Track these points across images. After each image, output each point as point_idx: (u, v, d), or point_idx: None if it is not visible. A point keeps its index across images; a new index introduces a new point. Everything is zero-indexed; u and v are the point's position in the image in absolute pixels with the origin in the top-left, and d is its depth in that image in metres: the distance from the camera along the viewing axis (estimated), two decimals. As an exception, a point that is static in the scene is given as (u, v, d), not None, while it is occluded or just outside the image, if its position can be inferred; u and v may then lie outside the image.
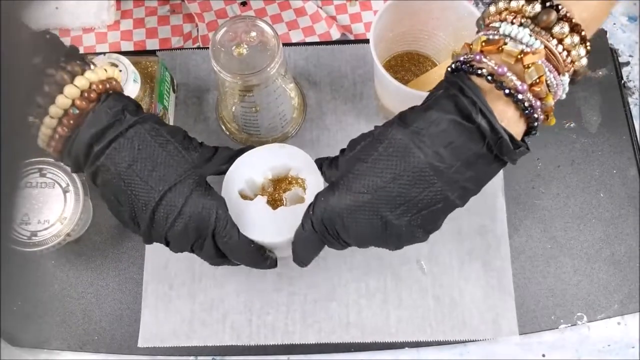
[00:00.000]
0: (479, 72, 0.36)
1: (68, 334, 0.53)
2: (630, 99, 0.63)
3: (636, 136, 0.60)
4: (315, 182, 0.46)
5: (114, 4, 0.65)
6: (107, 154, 0.40)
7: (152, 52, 0.63)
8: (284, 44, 0.48)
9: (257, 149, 0.48)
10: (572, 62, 0.37)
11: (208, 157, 0.45)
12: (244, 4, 0.65)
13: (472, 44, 0.38)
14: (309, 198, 0.45)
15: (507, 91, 0.36)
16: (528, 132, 0.39)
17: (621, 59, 0.64)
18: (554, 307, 0.55)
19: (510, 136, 0.36)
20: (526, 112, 0.36)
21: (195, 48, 0.63)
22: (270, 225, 0.46)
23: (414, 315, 0.54)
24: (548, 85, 0.37)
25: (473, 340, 0.53)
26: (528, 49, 0.36)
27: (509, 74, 0.35)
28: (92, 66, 0.41)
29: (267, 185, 0.48)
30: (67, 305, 0.54)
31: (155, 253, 0.55)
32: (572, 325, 0.54)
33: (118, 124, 0.40)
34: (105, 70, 0.41)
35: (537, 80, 0.36)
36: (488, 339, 0.53)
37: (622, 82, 0.63)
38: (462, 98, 0.36)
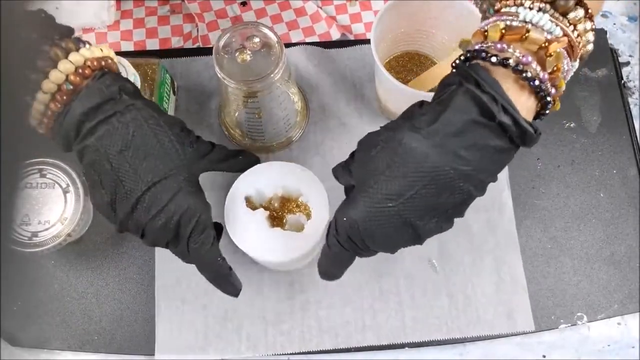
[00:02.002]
0: (505, 62, 0.34)
1: (68, 334, 0.53)
2: (630, 99, 0.63)
3: (636, 136, 0.60)
4: (320, 217, 0.46)
5: (114, 4, 0.64)
6: (99, 135, 0.39)
7: (153, 53, 0.63)
8: (284, 45, 0.48)
9: (280, 164, 0.48)
10: (582, 47, 0.36)
11: (204, 153, 0.44)
12: (244, 4, 0.65)
13: (486, 31, 0.36)
14: (309, 230, 0.46)
15: (533, 83, 0.34)
16: (536, 117, 0.37)
17: (621, 59, 0.64)
18: (554, 307, 0.55)
19: (532, 126, 0.35)
20: (543, 101, 0.35)
21: (195, 49, 0.63)
22: (260, 241, 0.46)
23: (429, 314, 0.54)
24: (562, 73, 0.36)
25: (486, 338, 0.53)
26: (549, 36, 0.34)
27: (533, 64, 0.34)
28: (87, 45, 0.40)
29: (274, 200, 0.48)
30: (67, 305, 0.54)
31: (166, 268, 0.55)
32: (572, 325, 0.54)
33: (112, 103, 0.39)
34: (102, 49, 0.40)
35: (555, 68, 0.34)
36: (488, 339, 0.53)
37: (622, 82, 0.63)
38: (481, 95, 0.34)
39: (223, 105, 0.57)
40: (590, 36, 0.36)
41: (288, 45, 0.63)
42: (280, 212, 0.48)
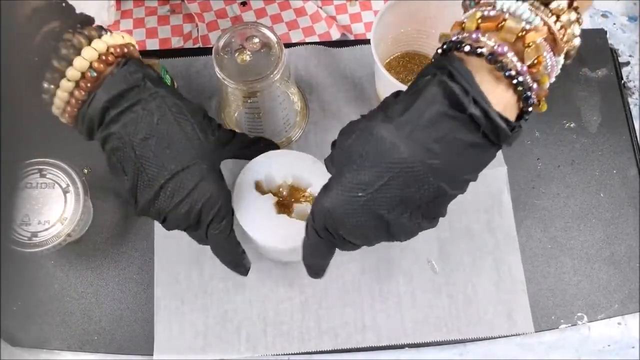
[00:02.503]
0: (479, 51, 0.33)
1: (68, 334, 0.53)
2: (630, 99, 0.63)
3: (636, 136, 0.60)
4: None
5: (114, 4, 0.64)
6: (123, 121, 0.39)
7: (153, 53, 0.63)
8: (284, 45, 0.48)
9: (294, 153, 0.48)
10: (567, 41, 0.35)
11: (226, 141, 0.45)
12: (244, 4, 0.65)
13: (464, 22, 0.35)
14: None
15: (507, 73, 0.33)
16: (519, 117, 0.36)
17: (621, 59, 0.64)
18: (554, 307, 0.55)
19: (506, 121, 0.33)
20: (523, 96, 0.34)
21: (195, 49, 0.63)
22: (265, 226, 0.46)
23: (429, 315, 0.54)
24: (544, 68, 0.34)
25: (485, 339, 0.53)
26: (527, 26, 0.33)
27: (509, 54, 0.33)
28: (108, 33, 0.40)
29: (284, 188, 0.48)
30: (67, 305, 0.54)
31: (166, 268, 0.55)
32: (572, 326, 0.54)
33: (137, 90, 0.39)
34: (123, 36, 0.41)
35: (536, 61, 0.33)
36: (488, 340, 0.53)
37: (622, 82, 0.63)
38: (453, 85, 0.33)
39: (223, 105, 0.57)
40: (577, 29, 0.35)
41: (288, 45, 0.63)
42: (288, 200, 0.49)
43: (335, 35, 0.64)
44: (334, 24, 0.65)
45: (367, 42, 0.62)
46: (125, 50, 0.40)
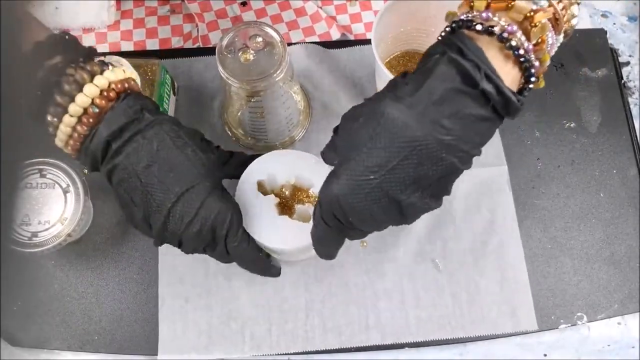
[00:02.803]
0: (491, 30, 0.34)
1: (68, 334, 0.53)
2: (630, 99, 0.63)
3: (636, 136, 0.60)
4: None
5: (114, 4, 0.64)
6: (126, 152, 0.40)
7: (153, 53, 0.63)
8: (285, 44, 0.48)
9: (296, 153, 0.49)
10: (567, 21, 0.36)
11: (224, 160, 0.46)
12: (244, 4, 0.65)
13: (473, 2, 0.35)
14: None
15: (517, 52, 0.34)
16: (520, 92, 0.37)
17: (621, 59, 0.64)
18: (554, 307, 0.55)
19: (516, 95, 0.35)
20: (527, 73, 0.35)
21: (196, 49, 0.63)
22: (266, 228, 0.46)
23: (433, 314, 0.54)
24: (546, 46, 0.35)
25: (489, 337, 0.53)
26: (535, 6, 0.34)
27: (518, 33, 0.34)
28: (110, 67, 0.41)
29: (286, 188, 0.48)
30: (67, 305, 0.54)
31: (169, 267, 0.55)
32: (572, 325, 0.54)
33: (137, 122, 0.40)
34: (124, 70, 0.42)
35: (540, 40, 0.34)
36: (492, 338, 0.53)
37: (622, 82, 0.63)
38: (464, 62, 0.33)
39: (226, 105, 0.57)
40: (575, 9, 0.36)
41: (288, 44, 0.63)
42: (290, 200, 0.49)
43: (335, 35, 0.64)
44: (334, 24, 0.65)
45: (367, 42, 0.62)
46: (126, 85, 0.41)
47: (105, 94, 0.39)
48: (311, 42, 0.63)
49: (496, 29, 0.34)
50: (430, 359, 0.53)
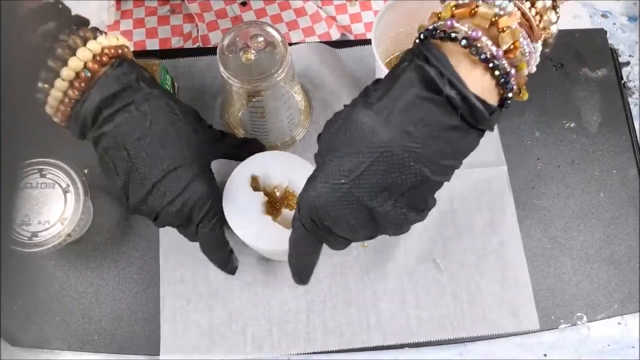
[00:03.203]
0: (452, 36, 0.33)
1: (68, 334, 0.53)
2: (630, 99, 0.63)
3: (636, 136, 0.60)
4: None
5: (114, 4, 0.65)
6: (116, 122, 0.40)
7: (154, 54, 0.62)
8: (284, 44, 0.48)
9: (295, 158, 0.48)
10: (544, 28, 0.35)
11: (216, 140, 0.46)
12: (244, 4, 0.65)
13: (440, 12, 0.36)
14: None
15: (482, 56, 0.33)
16: (501, 104, 0.36)
17: (621, 59, 0.64)
18: (554, 307, 0.55)
19: (484, 102, 0.34)
20: (501, 80, 0.34)
21: (196, 49, 0.63)
22: (247, 222, 0.46)
23: (434, 314, 0.54)
24: (521, 54, 0.34)
25: (491, 337, 0.53)
26: (500, 11, 0.33)
27: (483, 38, 0.33)
28: (104, 34, 0.41)
29: (279, 189, 0.48)
30: (67, 305, 0.54)
31: (171, 268, 0.55)
32: (572, 325, 0.54)
33: (130, 91, 0.40)
34: (117, 38, 0.42)
35: (512, 47, 0.33)
36: (493, 338, 0.53)
37: (622, 82, 0.63)
38: (428, 68, 0.33)
39: (226, 105, 0.57)
40: (553, 16, 0.35)
41: (289, 44, 0.62)
42: (279, 203, 0.49)
43: (335, 35, 0.64)
44: (334, 24, 0.65)
45: (367, 42, 0.62)
46: (120, 51, 0.41)
47: (98, 58, 0.39)
48: (311, 42, 0.63)
49: (459, 35, 0.33)
50: (430, 359, 0.53)
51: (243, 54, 0.47)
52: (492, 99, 0.35)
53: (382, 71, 0.50)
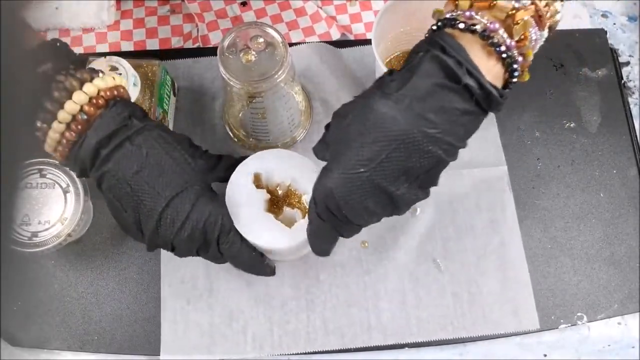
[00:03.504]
0: (472, 28, 0.35)
1: (68, 334, 0.53)
2: (630, 99, 0.63)
3: (636, 136, 0.60)
4: None
5: (114, 4, 0.64)
6: (115, 159, 0.40)
7: (154, 54, 0.62)
8: (284, 44, 0.48)
9: (298, 157, 0.48)
10: (550, 17, 0.37)
11: (213, 164, 0.46)
12: (244, 4, 0.65)
13: (457, 1, 0.37)
14: (297, 229, 0.46)
15: (498, 48, 0.35)
16: (505, 86, 0.38)
17: (621, 59, 0.64)
18: (554, 307, 0.55)
19: (497, 89, 0.36)
20: (510, 68, 0.36)
21: (196, 49, 0.63)
22: (249, 219, 0.46)
23: (434, 314, 0.54)
24: (529, 42, 0.37)
25: (491, 337, 0.53)
26: (517, 4, 0.35)
27: (500, 31, 0.35)
28: (100, 74, 0.41)
29: (281, 188, 0.48)
30: (67, 305, 0.54)
31: (172, 269, 0.55)
32: (572, 325, 0.54)
33: (125, 129, 0.41)
34: (114, 78, 0.42)
35: (523, 37, 0.35)
36: (493, 338, 0.53)
37: (622, 82, 0.63)
38: (446, 58, 0.35)
39: (227, 105, 0.57)
40: (558, 5, 0.37)
41: (289, 44, 0.62)
42: (281, 201, 0.49)
43: (335, 35, 0.64)
44: (334, 24, 0.65)
45: (367, 42, 0.62)
46: (116, 92, 0.41)
47: (94, 101, 0.40)
48: (311, 43, 0.63)
49: (478, 27, 0.35)
50: (430, 359, 0.53)
51: (243, 55, 0.47)
52: (500, 83, 0.37)
53: (382, 71, 0.50)
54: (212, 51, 0.61)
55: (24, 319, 0.54)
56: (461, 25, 0.36)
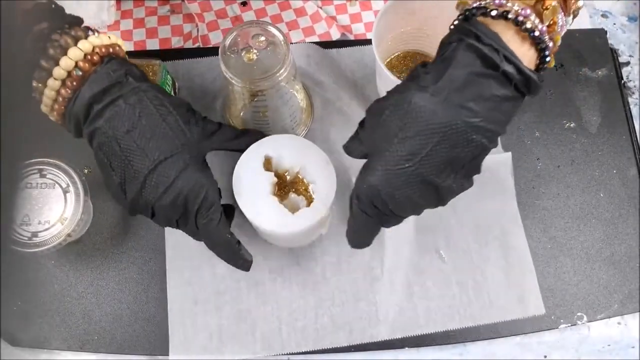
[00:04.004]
0: (506, 15, 0.35)
1: (68, 334, 0.53)
2: (630, 99, 0.63)
3: (636, 136, 0.60)
4: (316, 213, 0.46)
5: (114, 4, 0.64)
6: (107, 117, 0.40)
7: (154, 54, 0.62)
8: (285, 44, 0.48)
9: (312, 146, 0.48)
10: (574, 2, 0.37)
11: (210, 132, 0.45)
12: (244, 4, 0.65)
13: None
14: (300, 216, 0.46)
15: (533, 34, 0.35)
16: (536, 70, 0.39)
17: (621, 59, 0.64)
18: (554, 307, 0.55)
19: (536, 73, 0.36)
20: (543, 53, 0.37)
21: (196, 49, 0.63)
22: (254, 199, 0.46)
23: (441, 304, 0.54)
24: (558, 27, 0.37)
25: (498, 326, 0.53)
26: None
27: (532, 16, 0.35)
28: (96, 33, 0.41)
29: (290, 174, 0.48)
30: (67, 305, 0.54)
31: (177, 270, 0.55)
32: (572, 325, 0.54)
33: (119, 86, 0.41)
34: (109, 37, 0.42)
35: (552, 22, 0.36)
36: (488, 339, 0.53)
37: (622, 82, 0.63)
38: (482, 47, 0.35)
39: (228, 105, 0.57)
40: None
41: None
42: (288, 186, 0.49)
43: (336, 35, 0.64)
44: (334, 24, 0.65)
45: (368, 42, 0.62)
46: (111, 50, 0.41)
47: (88, 57, 0.40)
48: (311, 42, 0.63)
49: (511, 14, 0.35)
50: (430, 359, 0.53)
51: (245, 53, 0.47)
52: (532, 68, 0.37)
53: (383, 71, 0.50)
54: (212, 51, 0.61)
55: (24, 318, 0.54)
56: (493, 13, 0.36)
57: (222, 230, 0.44)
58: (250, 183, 0.47)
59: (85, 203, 0.51)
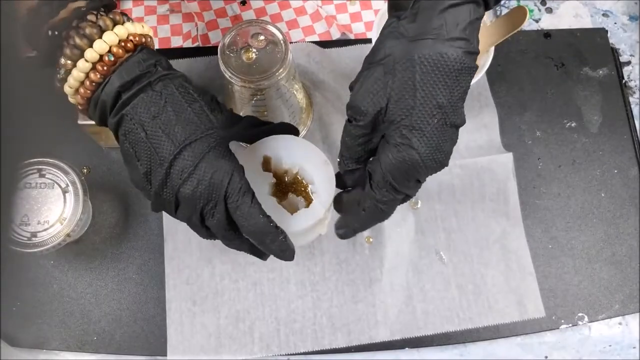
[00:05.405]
0: None
1: (67, 334, 0.53)
2: (631, 99, 0.63)
3: (637, 136, 0.60)
4: (314, 213, 0.46)
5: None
6: (134, 103, 0.40)
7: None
8: (284, 43, 0.48)
9: (311, 147, 0.48)
10: None
11: (234, 121, 0.44)
12: (243, 3, 0.65)
13: None
14: (297, 217, 0.45)
15: None
16: None
17: (622, 59, 0.64)
18: (555, 307, 0.54)
19: None
20: None
21: (195, 48, 0.63)
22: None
23: (440, 307, 0.54)
24: None
25: (497, 327, 0.53)
26: None
27: None
28: (131, 21, 0.42)
29: (289, 174, 0.48)
30: (66, 305, 0.54)
31: (175, 270, 0.55)
32: (573, 326, 0.54)
33: (149, 75, 0.41)
34: (143, 26, 0.42)
35: None
36: (489, 340, 0.53)
37: (623, 81, 0.63)
38: None
39: (227, 104, 0.57)
40: None
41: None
42: (286, 187, 0.48)
43: (336, 34, 0.64)
44: (334, 23, 0.65)
45: (368, 41, 0.62)
46: (144, 40, 0.42)
47: (122, 44, 0.40)
48: (311, 42, 0.62)
49: None
50: (430, 359, 0.53)
51: (244, 53, 0.47)
52: None
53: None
54: (211, 50, 0.61)
55: (23, 319, 0.54)
56: None
57: (256, 212, 0.40)
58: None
59: (84, 203, 0.51)
